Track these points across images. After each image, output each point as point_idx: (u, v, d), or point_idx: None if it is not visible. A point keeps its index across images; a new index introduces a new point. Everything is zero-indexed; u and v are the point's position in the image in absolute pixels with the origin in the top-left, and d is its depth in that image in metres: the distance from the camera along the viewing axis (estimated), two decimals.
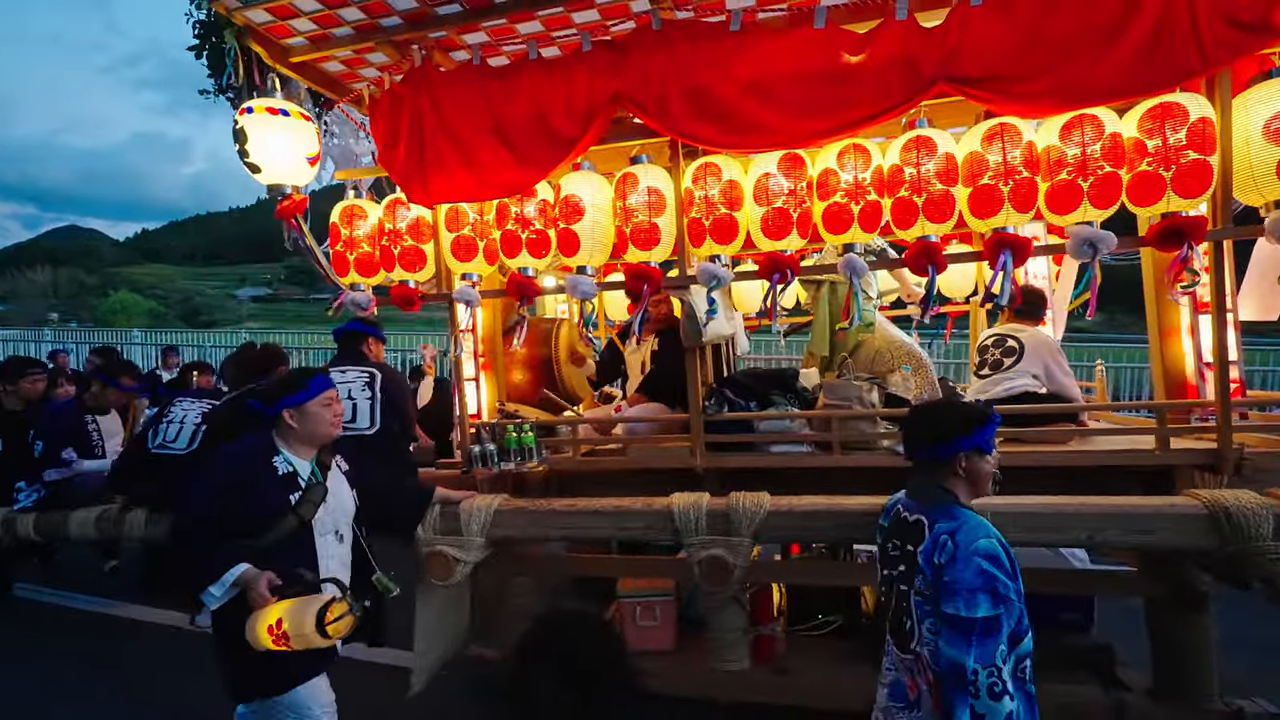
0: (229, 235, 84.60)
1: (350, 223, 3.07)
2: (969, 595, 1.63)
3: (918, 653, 1.79)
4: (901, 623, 1.85)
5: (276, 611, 2.02)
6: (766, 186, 2.57)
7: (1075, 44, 2.26)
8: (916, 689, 1.82)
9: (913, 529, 1.84)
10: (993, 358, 2.88)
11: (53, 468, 3.52)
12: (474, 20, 2.89)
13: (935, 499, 1.83)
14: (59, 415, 3.64)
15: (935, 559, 1.73)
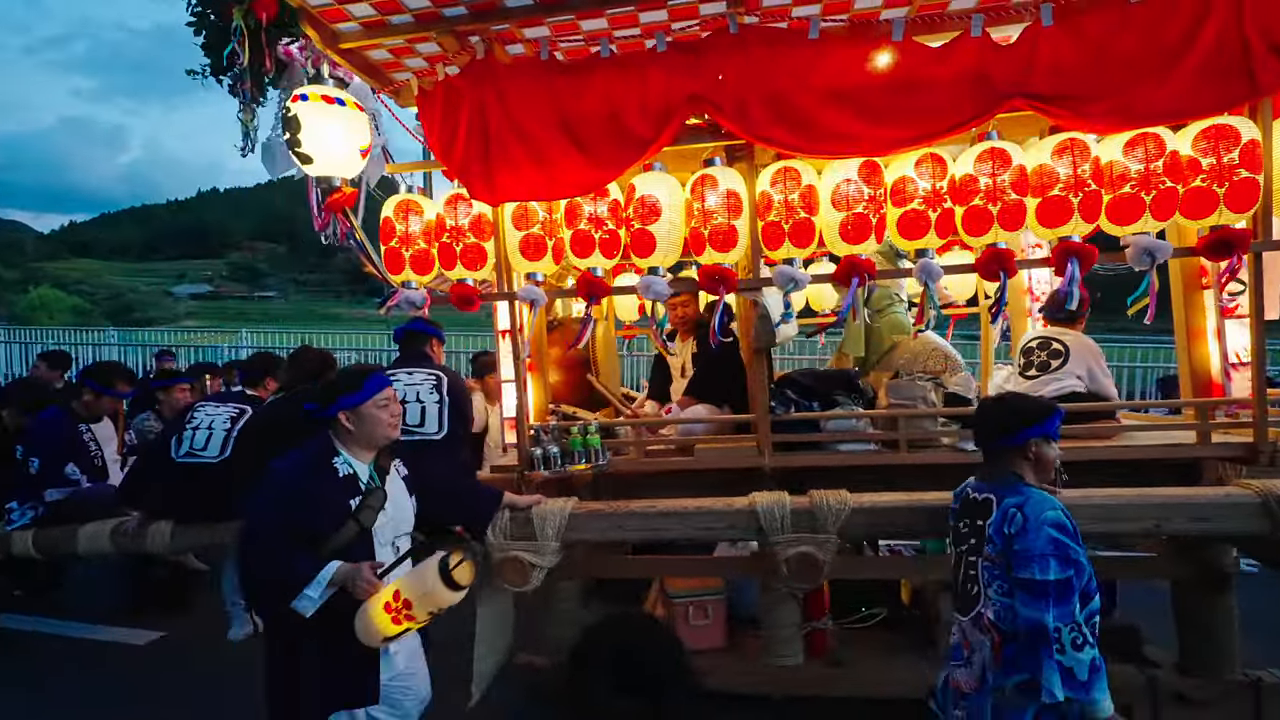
0: (167, 229, 78.81)
1: (405, 218, 2.96)
2: (1041, 560, 1.81)
3: (980, 613, 1.97)
4: (967, 589, 2.04)
5: (390, 590, 1.96)
6: (847, 193, 2.64)
7: (1139, 67, 2.44)
8: (970, 646, 2.00)
9: (981, 506, 2.03)
10: (1039, 359, 3.06)
11: (55, 486, 3.22)
12: (543, 14, 2.84)
13: (1004, 480, 2.01)
14: (51, 428, 3.32)
15: (1005, 530, 1.90)
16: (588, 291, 2.88)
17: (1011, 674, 1.87)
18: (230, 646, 3.47)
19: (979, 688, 1.98)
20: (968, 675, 2.03)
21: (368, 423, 2.14)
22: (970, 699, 2.01)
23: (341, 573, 1.97)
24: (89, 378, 3.41)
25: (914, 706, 2.98)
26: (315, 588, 1.94)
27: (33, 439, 3.27)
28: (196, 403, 3.26)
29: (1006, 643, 1.89)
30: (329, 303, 53.30)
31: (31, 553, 3.22)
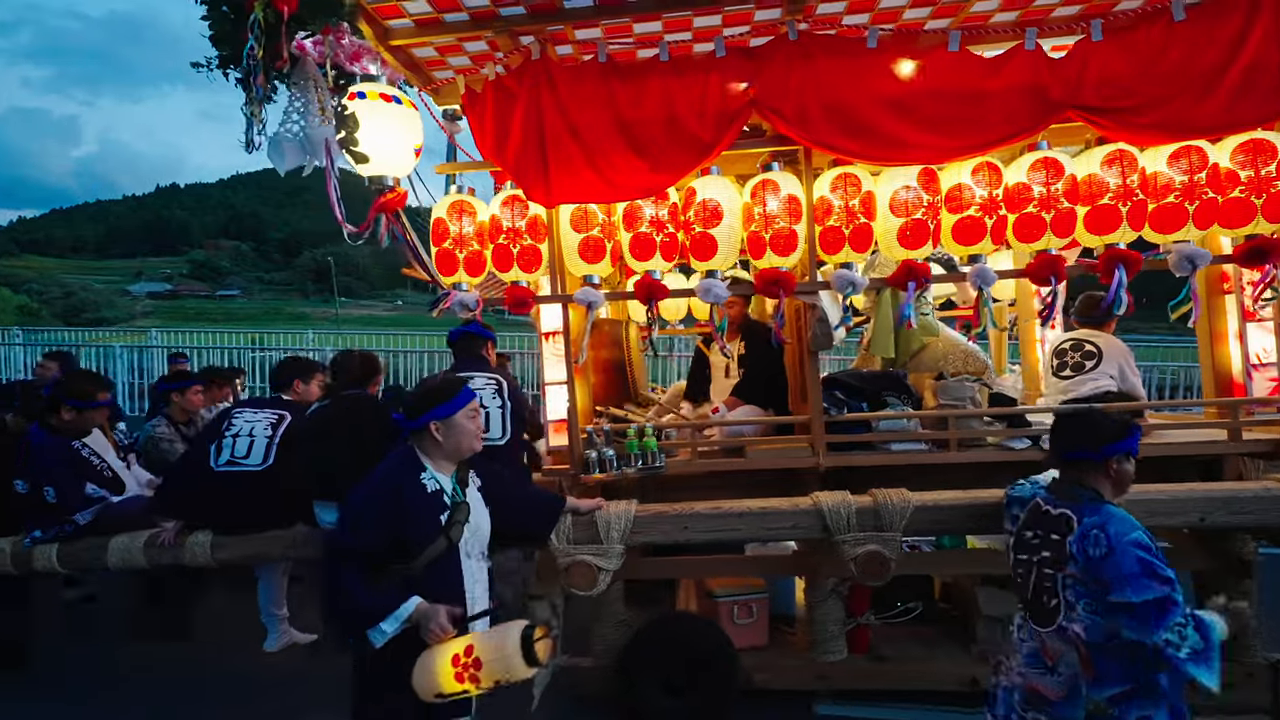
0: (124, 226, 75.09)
1: (460, 219, 2.91)
2: (1135, 581, 1.82)
3: (1064, 627, 1.98)
4: (1044, 601, 2.04)
5: (463, 642, 1.88)
6: (906, 199, 2.71)
7: (1183, 83, 2.56)
8: (1056, 657, 2.02)
9: (1057, 520, 2.03)
10: (1073, 360, 3.19)
11: (82, 509, 3.06)
12: (601, 17, 2.83)
13: (1082, 496, 2.01)
14: (47, 453, 3.09)
15: (1090, 551, 1.90)
16: (647, 294, 2.88)
17: (1107, 688, 1.91)
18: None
19: (1068, 696, 2.01)
20: (1055, 684, 2.02)
21: (457, 434, 2.08)
22: (1058, 706, 2.02)
23: (419, 611, 1.90)
24: (68, 396, 3.19)
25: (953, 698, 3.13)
26: (392, 623, 1.89)
27: (32, 468, 3.04)
28: (233, 409, 3.13)
29: (1095, 655, 1.92)
30: (295, 302, 51.68)
31: (56, 568, 3.07)
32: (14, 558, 3.09)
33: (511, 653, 1.85)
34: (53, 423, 3.17)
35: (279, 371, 3.35)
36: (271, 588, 3.33)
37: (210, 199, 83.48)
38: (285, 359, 3.56)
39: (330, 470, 2.80)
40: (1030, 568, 2.09)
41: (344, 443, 2.82)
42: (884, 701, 3.14)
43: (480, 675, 1.84)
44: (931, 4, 2.90)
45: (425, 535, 2.01)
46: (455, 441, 2.10)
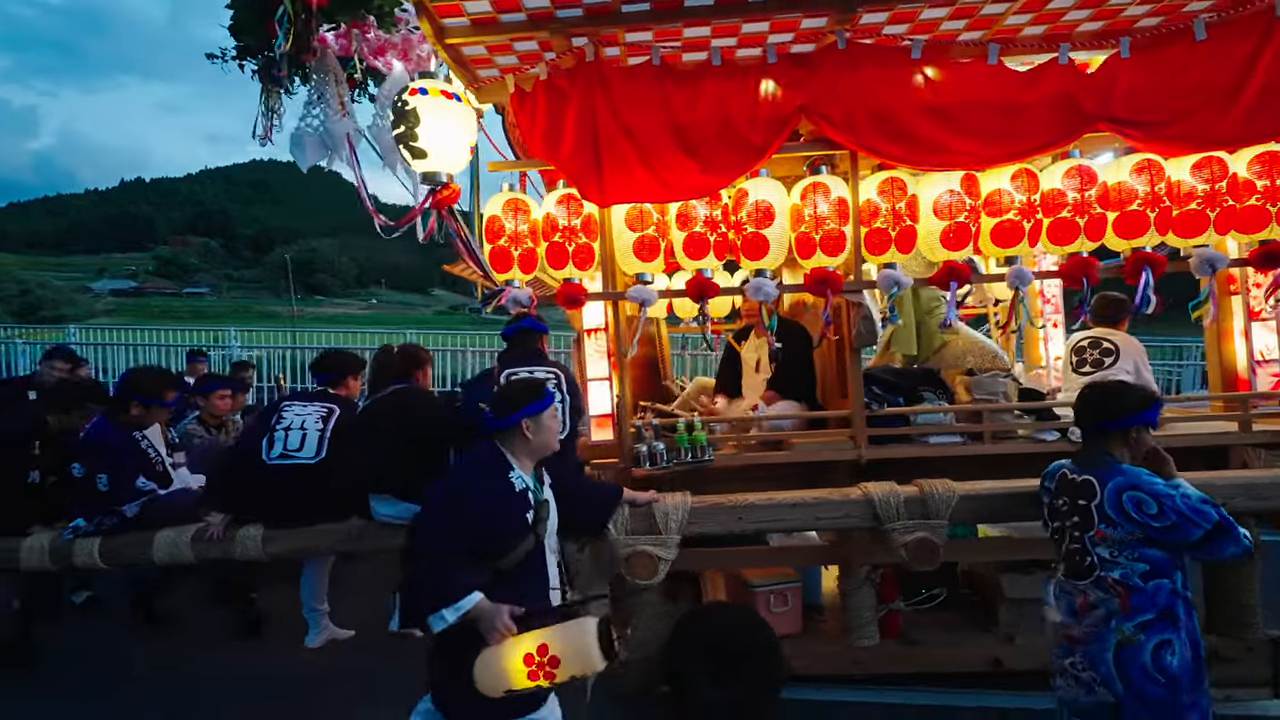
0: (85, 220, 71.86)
1: (515, 217, 2.96)
2: (1196, 515, 2.02)
3: (1101, 577, 2.14)
4: (1078, 559, 2.20)
5: (535, 639, 1.91)
6: (949, 203, 2.84)
7: (1204, 97, 2.75)
8: (1088, 602, 2.17)
9: (1082, 486, 2.20)
10: (1092, 357, 3.37)
11: (130, 501, 3.02)
12: (658, 21, 2.90)
13: (1103, 462, 2.19)
14: (109, 441, 3.08)
15: (1134, 514, 2.08)
16: (698, 292, 2.97)
17: (1136, 617, 2.08)
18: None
19: (1099, 633, 2.18)
20: (1084, 625, 2.22)
21: (544, 432, 2.13)
22: (1088, 646, 2.19)
23: (480, 609, 1.92)
24: (136, 392, 3.18)
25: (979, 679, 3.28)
26: (453, 613, 1.91)
27: (91, 454, 3.02)
28: (281, 402, 3.13)
29: (1131, 595, 2.10)
30: (266, 300, 50.39)
31: (97, 563, 3.01)
32: (52, 552, 3.02)
33: (590, 648, 1.89)
34: (120, 417, 3.14)
35: (324, 365, 3.33)
36: (315, 583, 3.32)
37: (177, 194, 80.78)
38: (331, 353, 3.53)
39: (386, 463, 2.82)
40: (1064, 532, 2.27)
41: (398, 436, 2.85)
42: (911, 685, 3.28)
43: (557, 671, 1.87)
44: (967, 16, 3.03)
45: (516, 533, 2.05)
46: (542, 440, 2.14)
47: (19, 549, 3.03)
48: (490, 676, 1.89)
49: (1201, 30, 2.78)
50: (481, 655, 1.91)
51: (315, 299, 53.46)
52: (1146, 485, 2.10)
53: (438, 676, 2.12)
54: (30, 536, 3.08)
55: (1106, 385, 2.39)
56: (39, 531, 3.13)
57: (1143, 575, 2.09)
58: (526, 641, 1.90)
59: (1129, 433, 2.17)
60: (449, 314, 72.51)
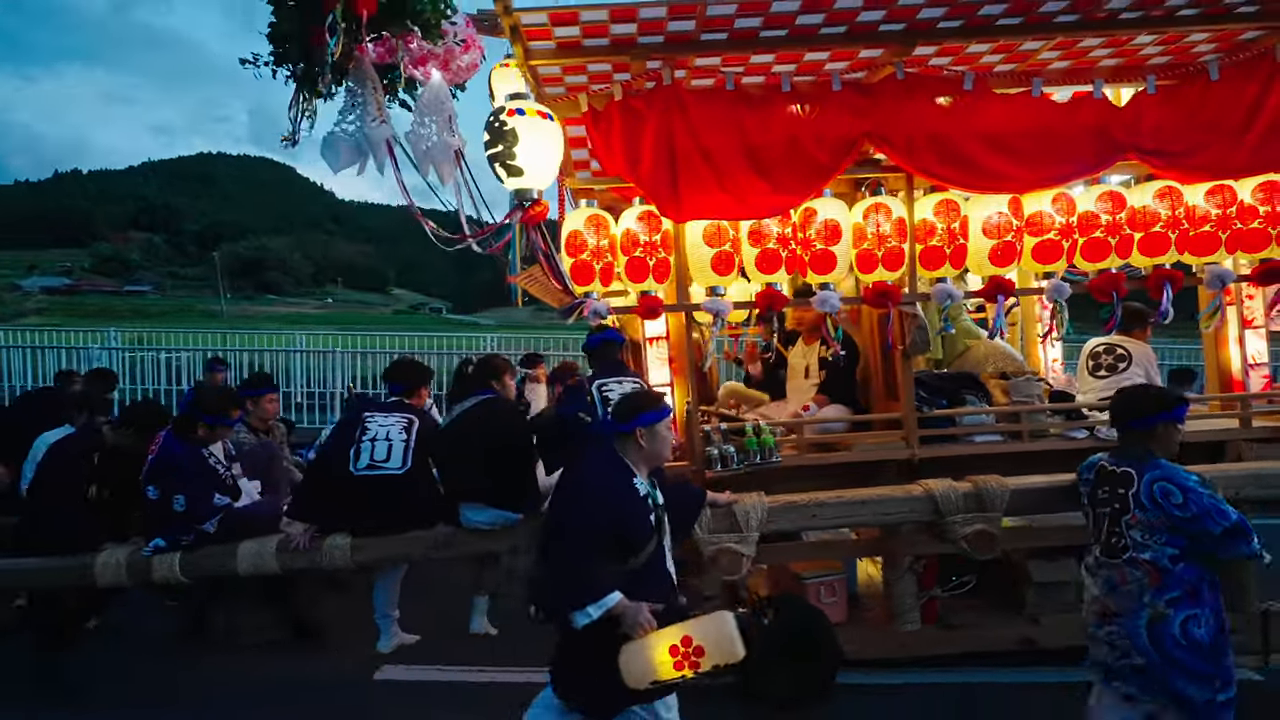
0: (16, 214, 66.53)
1: (597, 232, 3.09)
2: (1217, 513, 2.27)
3: (1133, 557, 2.40)
4: (1114, 541, 2.46)
5: (678, 632, 2.06)
6: (998, 223, 3.11)
7: (1219, 131, 3.10)
8: (1127, 579, 2.42)
9: (1121, 477, 2.47)
10: (1108, 362, 3.72)
11: (208, 519, 3.01)
12: (733, 49, 3.08)
13: (1140, 456, 2.46)
14: (181, 459, 3.05)
15: (1161, 502, 2.34)
16: (767, 304, 3.16)
17: (1165, 594, 2.34)
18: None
19: (1133, 608, 2.46)
20: (1120, 600, 2.50)
21: (659, 442, 2.26)
22: (1123, 619, 2.44)
23: (622, 607, 2.06)
24: (203, 411, 3.15)
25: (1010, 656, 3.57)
26: (598, 609, 2.04)
27: (164, 476, 2.99)
28: (364, 413, 3.15)
29: (1161, 574, 2.36)
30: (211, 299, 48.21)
31: (178, 578, 3.00)
32: (130, 568, 3.00)
33: (732, 638, 2.05)
34: (188, 436, 3.12)
35: (398, 375, 3.37)
36: (389, 590, 3.37)
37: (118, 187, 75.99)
38: (404, 363, 3.53)
39: (477, 472, 2.92)
40: (1102, 517, 2.52)
41: (488, 445, 2.95)
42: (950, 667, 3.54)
43: (701, 661, 2.03)
44: (1006, 51, 3.31)
45: (644, 536, 2.20)
46: (656, 449, 2.27)
47: (94, 564, 3.00)
48: (637, 668, 2.02)
49: (1215, 71, 3.13)
50: (625, 649, 2.04)
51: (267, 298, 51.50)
52: (1178, 479, 2.34)
53: (568, 670, 2.24)
54: (104, 552, 3.05)
55: (1139, 388, 2.67)
56: (111, 547, 3.10)
57: (1171, 559, 2.32)
58: (670, 635, 2.04)
59: (1158, 429, 2.43)
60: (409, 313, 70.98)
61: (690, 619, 2.20)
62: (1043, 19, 2.98)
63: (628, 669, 2.04)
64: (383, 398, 3.59)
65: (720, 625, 2.09)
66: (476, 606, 3.40)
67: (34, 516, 3.22)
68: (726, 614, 2.14)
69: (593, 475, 2.25)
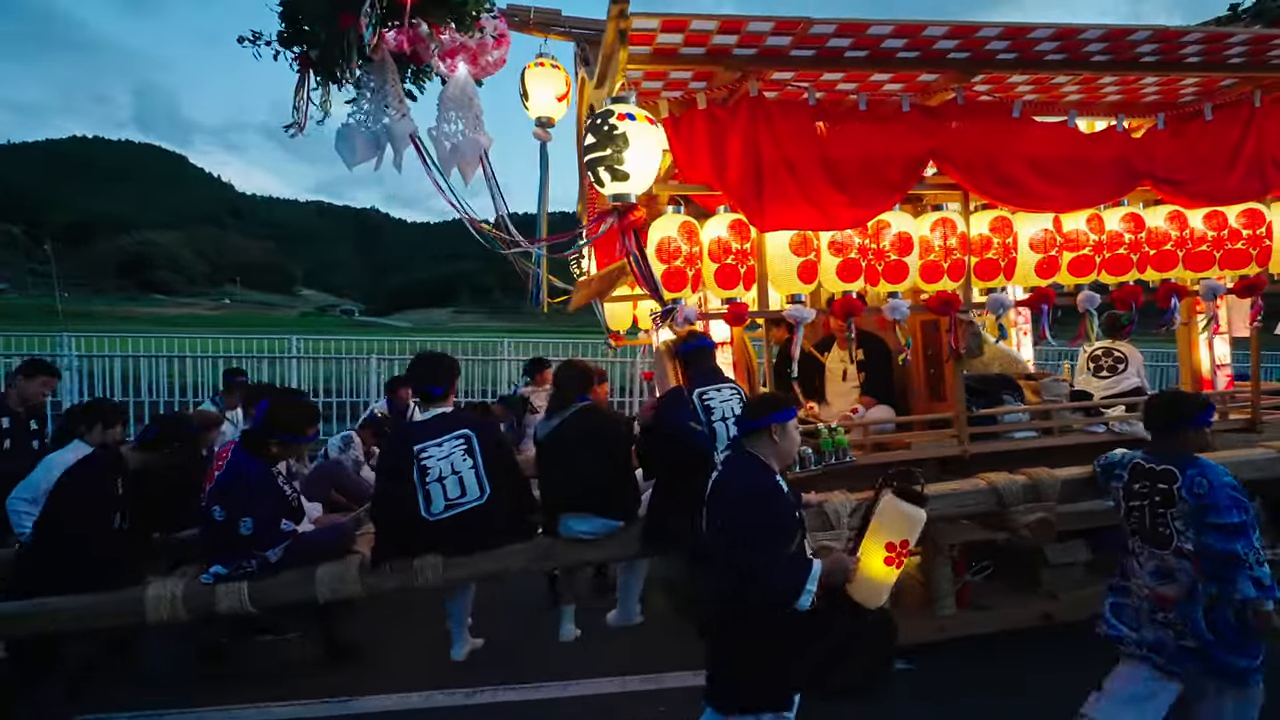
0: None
1: (688, 239, 3.11)
2: (1227, 510, 2.58)
3: (1179, 547, 2.67)
4: (1159, 531, 2.73)
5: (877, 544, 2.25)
6: (1043, 239, 3.43)
7: (1214, 163, 3.58)
8: (1173, 569, 2.70)
9: (1162, 474, 2.75)
10: (1107, 364, 4.18)
11: (274, 545, 2.73)
12: (818, 66, 3.20)
13: (1179, 454, 2.76)
14: (250, 480, 2.76)
15: (1196, 491, 2.65)
16: (845, 311, 3.31)
17: (1214, 585, 2.62)
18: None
19: (1189, 596, 2.79)
20: (1175, 588, 2.81)
21: (789, 440, 2.34)
22: (1180, 605, 2.79)
23: (826, 566, 2.20)
24: (280, 429, 2.87)
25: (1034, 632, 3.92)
26: (813, 581, 2.14)
27: (233, 496, 2.69)
28: (415, 447, 2.83)
29: (1204, 564, 2.67)
30: (85, 299, 42.76)
31: (246, 608, 2.70)
32: (188, 599, 2.67)
33: (913, 512, 2.26)
34: (261, 454, 2.81)
35: (435, 376, 3.05)
36: (467, 598, 3.20)
37: None
38: (430, 358, 3.18)
39: (584, 482, 2.86)
40: (1144, 510, 2.78)
41: (593, 453, 2.90)
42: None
43: (909, 549, 2.26)
44: (1038, 83, 3.65)
45: (795, 528, 2.29)
46: (787, 446, 2.36)
47: (143, 599, 2.66)
48: (870, 589, 2.23)
49: (1209, 113, 3.62)
50: (852, 587, 2.24)
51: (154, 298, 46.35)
52: (1212, 474, 2.61)
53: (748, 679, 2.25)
54: (152, 585, 2.71)
55: (1172, 394, 3.01)
56: (157, 580, 2.76)
57: (1218, 555, 2.55)
58: (870, 550, 2.24)
59: (1190, 432, 2.72)
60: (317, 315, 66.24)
61: (868, 527, 2.34)
62: (1084, 56, 3.32)
63: (864, 596, 2.24)
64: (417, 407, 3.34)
65: (898, 513, 2.26)
66: (565, 615, 3.32)
67: (50, 550, 2.80)
68: (891, 498, 2.31)
69: (747, 477, 2.29)
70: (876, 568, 2.23)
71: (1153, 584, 2.78)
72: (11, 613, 2.62)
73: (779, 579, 2.15)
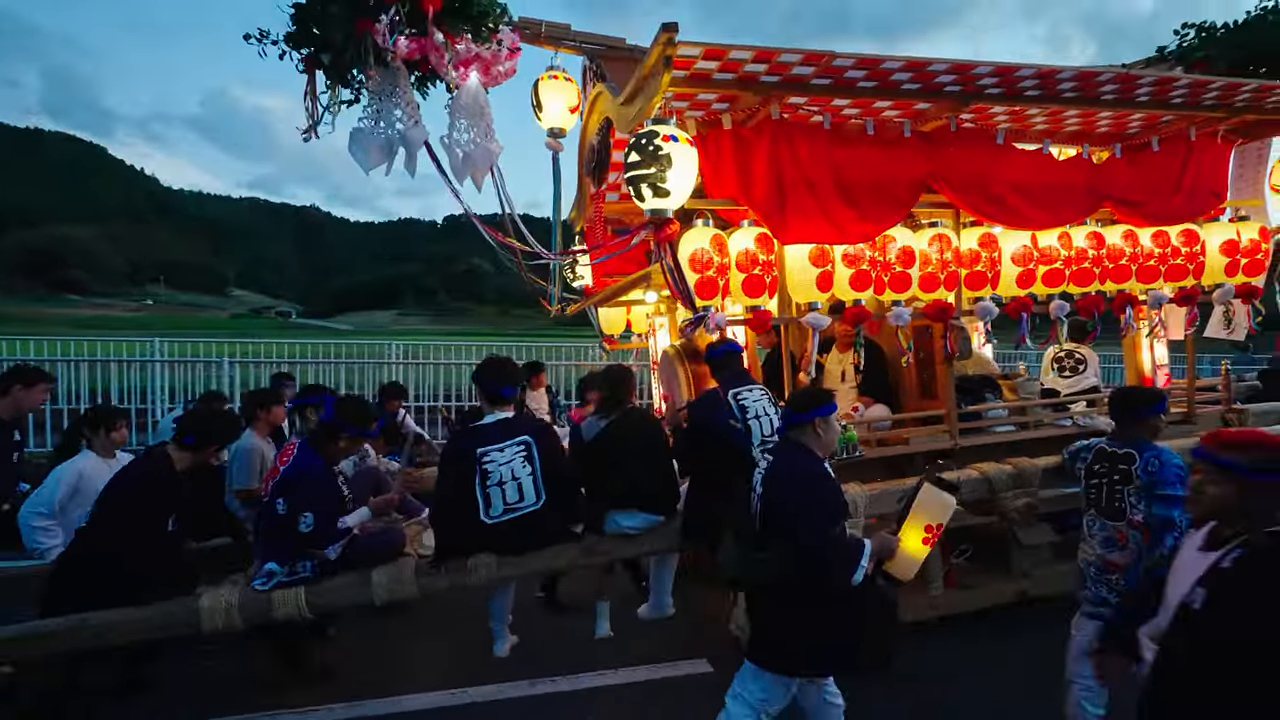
0: None
1: (722, 251, 3.33)
2: (1171, 484, 3.03)
3: (1131, 519, 3.11)
4: (1114, 505, 3.15)
5: (916, 526, 2.55)
6: (1023, 253, 3.85)
7: (1161, 189, 4.10)
8: (1126, 537, 3.14)
9: (1123, 457, 3.19)
10: (1069, 364, 4.68)
11: (334, 542, 2.74)
12: (834, 93, 3.48)
13: (1139, 440, 3.23)
14: (316, 475, 2.77)
15: (1149, 470, 3.15)
16: (855, 319, 3.61)
17: (1158, 548, 3.10)
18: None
19: (1135, 561, 3.24)
20: (1124, 555, 3.26)
21: (831, 432, 2.60)
22: (1129, 569, 3.24)
23: (874, 545, 2.46)
24: (349, 423, 2.89)
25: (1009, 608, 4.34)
26: (866, 559, 2.40)
27: (299, 488, 2.67)
28: (478, 451, 2.88)
29: (1153, 533, 3.19)
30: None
31: (303, 613, 2.71)
32: (244, 608, 2.67)
33: (947, 499, 2.58)
34: (327, 450, 2.82)
35: (507, 377, 3.14)
36: (508, 596, 3.28)
37: None
38: (499, 361, 3.28)
39: (634, 480, 3.03)
40: (1102, 487, 3.21)
41: (640, 451, 3.07)
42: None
43: (941, 531, 2.58)
44: (1013, 115, 4.07)
45: (844, 509, 2.56)
46: (829, 437, 2.62)
47: (198, 609, 2.65)
48: (908, 564, 2.52)
49: (1156, 144, 4.14)
50: (892, 564, 2.53)
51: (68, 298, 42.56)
52: (1165, 456, 3.08)
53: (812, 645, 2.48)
54: (206, 595, 2.69)
55: (1133, 389, 3.46)
56: (208, 589, 2.74)
57: (1158, 520, 3.03)
58: (911, 533, 2.54)
59: (1150, 420, 3.17)
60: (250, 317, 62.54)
61: (909, 509, 2.63)
62: (1056, 93, 3.74)
63: (900, 571, 2.53)
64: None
65: (928, 494, 2.58)
66: (600, 612, 3.45)
67: (93, 560, 2.72)
68: (929, 486, 2.61)
69: (803, 463, 2.52)
70: (915, 546, 2.53)
71: (1102, 551, 3.18)
72: (56, 630, 2.55)
73: (839, 556, 2.39)
